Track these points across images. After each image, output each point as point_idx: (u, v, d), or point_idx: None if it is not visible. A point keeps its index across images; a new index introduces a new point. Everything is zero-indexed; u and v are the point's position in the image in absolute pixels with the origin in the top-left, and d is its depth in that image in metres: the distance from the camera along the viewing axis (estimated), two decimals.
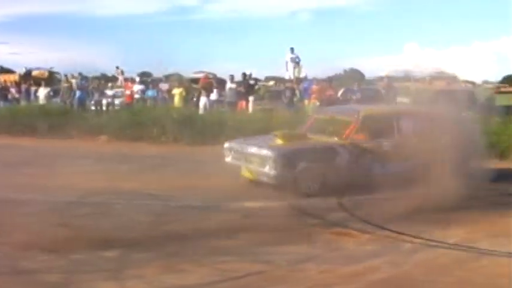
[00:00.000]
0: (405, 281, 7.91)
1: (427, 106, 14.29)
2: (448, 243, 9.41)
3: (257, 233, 9.92)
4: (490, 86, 34.91)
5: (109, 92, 30.72)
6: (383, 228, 10.26)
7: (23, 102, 31.14)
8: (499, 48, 67.61)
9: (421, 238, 9.64)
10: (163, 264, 8.14)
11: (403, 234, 9.85)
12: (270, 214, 11.30)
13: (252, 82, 29.30)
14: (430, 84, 30.82)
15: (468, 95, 23.83)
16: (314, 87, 25.75)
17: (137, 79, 31.44)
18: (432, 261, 8.68)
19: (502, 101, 24.38)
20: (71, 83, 30.05)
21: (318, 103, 24.57)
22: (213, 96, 27.51)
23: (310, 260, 8.55)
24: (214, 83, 29.36)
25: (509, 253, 8.93)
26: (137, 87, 29.61)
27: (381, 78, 27.77)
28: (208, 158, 18.30)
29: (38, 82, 33.23)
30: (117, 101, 29.74)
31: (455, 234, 10.01)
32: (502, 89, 29.94)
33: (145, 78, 34.13)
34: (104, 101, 28.98)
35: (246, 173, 13.96)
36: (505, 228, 10.46)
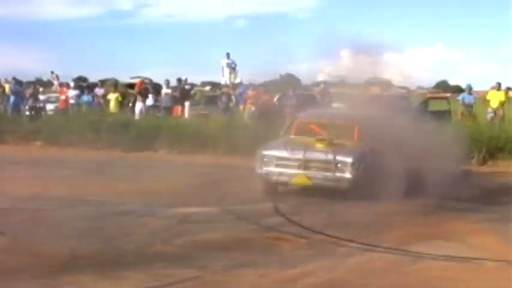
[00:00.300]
0: (340, 285, 7.96)
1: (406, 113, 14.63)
2: (383, 247, 9.52)
3: (193, 238, 9.92)
4: (423, 91, 35.35)
5: (41, 97, 30.21)
6: (319, 232, 10.35)
7: None
8: (432, 54, 68.79)
9: (357, 242, 9.73)
10: (99, 270, 8.03)
11: (338, 238, 9.94)
12: (206, 219, 11.31)
13: (187, 87, 29.31)
14: (365, 89, 31.00)
15: (402, 100, 24.21)
16: (249, 92, 25.80)
17: (72, 84, 31.01)
18: (367, 265, 8.75)
19: (435, 106, 24.83)
20: (4, 88, 29.54)
21: (253, 108, 24.67)
22: (149, 101, 27.31)
23: (247, 265, 8.53)
24: (150, 88, 29.16)
25: (444, 256, 9.10)
26: (72, 92, 29.16)
27: (317, 84, 27.95)
28: (144, 163, 18.27)
29: None
30: (51, 106, 29.32)
31: (390, 238, 10.11)
32: (435, 95, 30.48)
33: (81, 83, 33.74)
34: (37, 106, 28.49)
35: (300, 180, 13.48)
36: (440, 231, 10.69)
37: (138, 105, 26.68)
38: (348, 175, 13.07)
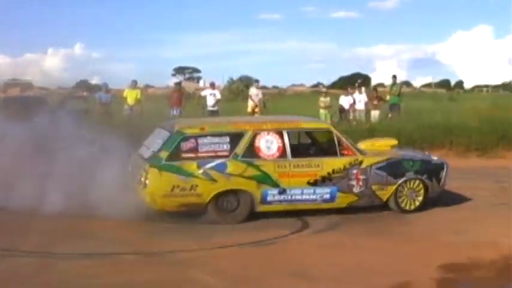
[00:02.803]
0: None
1: None
2: (23, 251, 9.35)
3: None
4: (64, 91, 35.41)
5: None
6: None
7: None
8: (73, 55, 69.26)
9: None
10: None
11: None
12: None
13: None
14: (4, 92, 30.23)
15: (39, 100, 24.02)
16: None
17: None
18: (9, 271, 8.54)
19: (73, 105, 24.84)
20: None
21: None
22: None
23: None
24: None
25: (84, 254, 9.23)
26: None
27: None
28: None
29: None
30: None
31: (32, 241, 9.85)
32: (74, 94, 30.63)
33: None
34: None
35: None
36: (81, 229, 10.68)
37: None
38: None
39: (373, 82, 66.49)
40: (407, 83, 73.06)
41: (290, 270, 8.69)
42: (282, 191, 11.40)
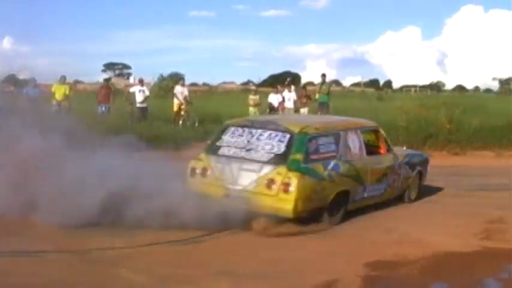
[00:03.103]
0: None
1: None
2: None
3: None
4: None
5: None
6: None
7: None
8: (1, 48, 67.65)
9: None
10: None
11: None
12: None
13: None
14: None
15: None
16: None
17: None
18: None
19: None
20: None
21: None
22: None
23: None
24: None
25: (8, 252, 8.94)
26: None
27: None
28: None
29: None
30: None
31: None
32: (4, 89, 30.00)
33: None
34: None
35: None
36: (6, 227, 10.34)
37: None
38: None
39: (303, 81, 66.80)
40: (336, 82, 74.13)
41: (216, 268, 8.66)
42: (364, 189, 11.70)
